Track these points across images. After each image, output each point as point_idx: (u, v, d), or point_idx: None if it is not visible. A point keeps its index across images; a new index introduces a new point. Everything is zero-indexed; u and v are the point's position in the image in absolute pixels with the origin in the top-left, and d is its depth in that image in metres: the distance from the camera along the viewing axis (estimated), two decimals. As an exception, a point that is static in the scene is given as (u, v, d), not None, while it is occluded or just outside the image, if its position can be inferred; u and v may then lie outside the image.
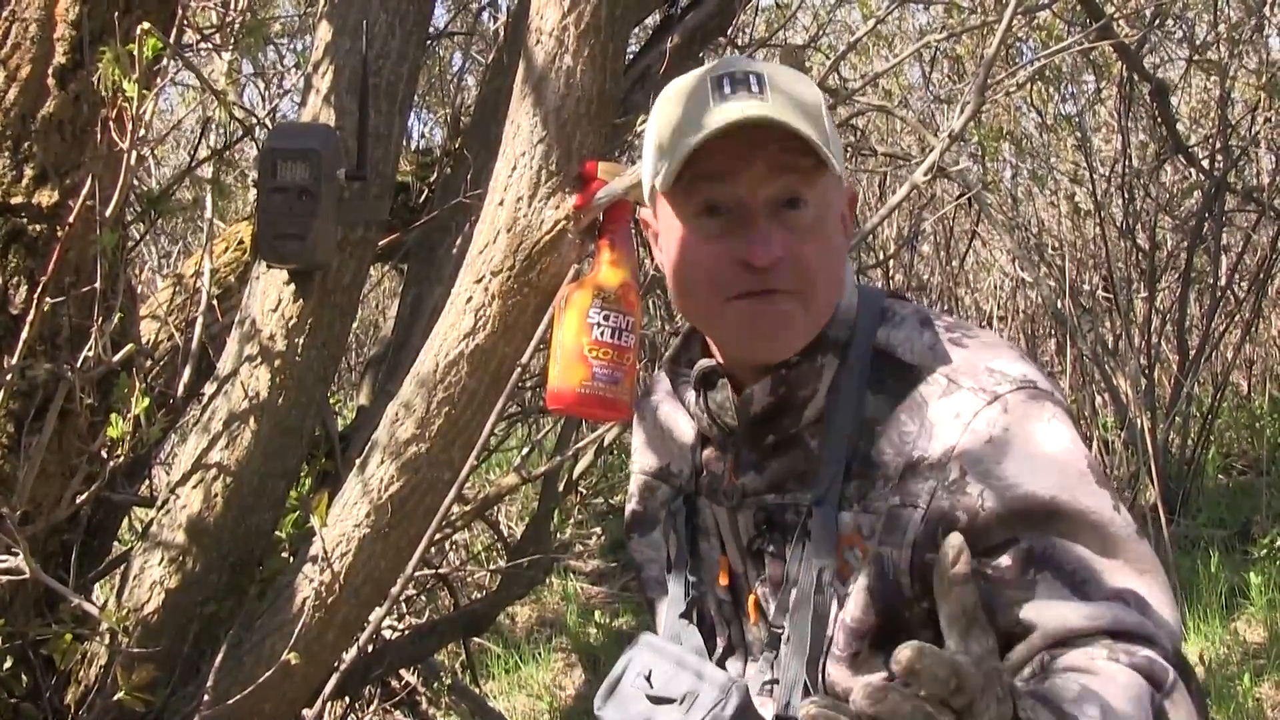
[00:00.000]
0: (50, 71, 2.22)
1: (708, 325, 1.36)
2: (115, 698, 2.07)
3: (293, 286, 2.34)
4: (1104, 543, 1.21)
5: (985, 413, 1.24)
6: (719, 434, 1.39)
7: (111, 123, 2.05)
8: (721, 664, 1.41)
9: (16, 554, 1.95)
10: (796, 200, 1.25)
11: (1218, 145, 5.99)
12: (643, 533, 1.53)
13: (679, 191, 1.28)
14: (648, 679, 1.35)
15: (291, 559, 2.40)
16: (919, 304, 1.39)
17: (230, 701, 2.11)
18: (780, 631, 1.32)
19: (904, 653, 0.92)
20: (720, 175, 1.25)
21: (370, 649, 3.05)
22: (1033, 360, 1.33)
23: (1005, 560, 1.21)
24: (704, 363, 1.38)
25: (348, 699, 3.42)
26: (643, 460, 1.54)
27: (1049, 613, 1.18)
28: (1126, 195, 6.17)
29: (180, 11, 2.31)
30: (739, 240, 1.25)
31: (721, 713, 1.26)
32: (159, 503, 2.42)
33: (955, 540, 1.04)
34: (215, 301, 2.75)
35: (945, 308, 7.33)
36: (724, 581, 1.40)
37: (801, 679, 1.28)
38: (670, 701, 1.31)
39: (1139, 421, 5.39)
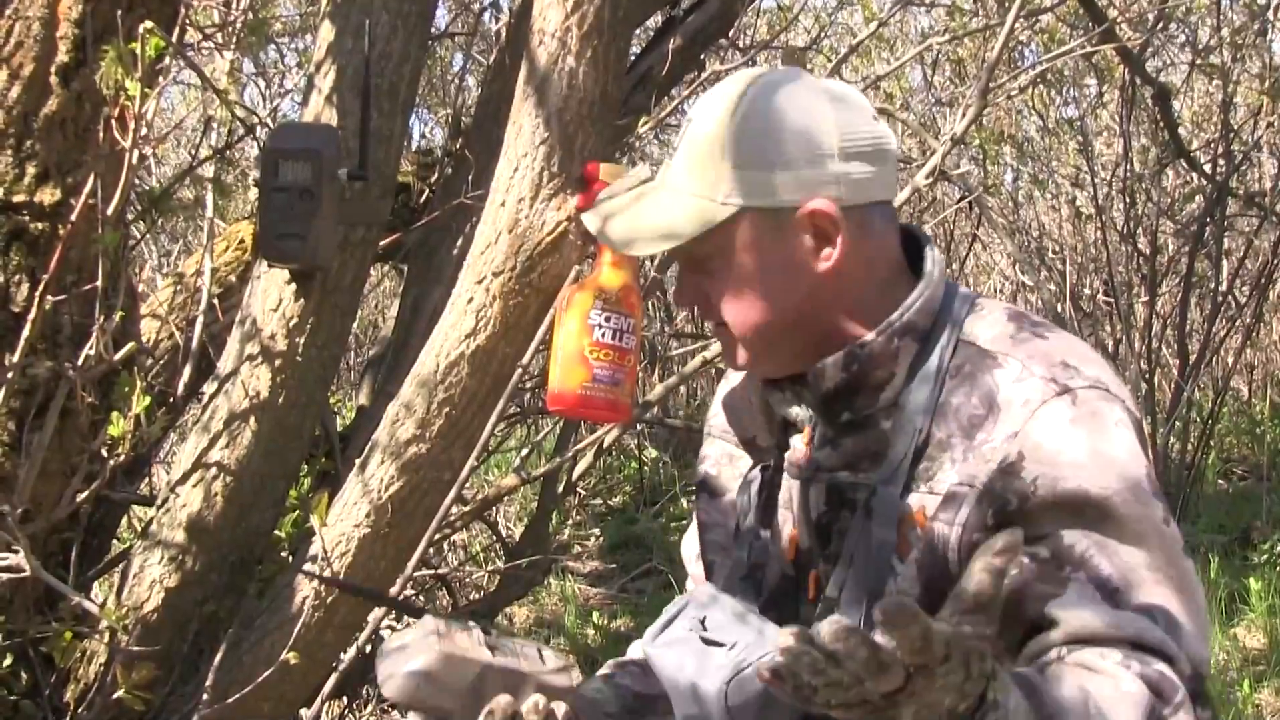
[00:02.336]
0: (53, 70, 2.22)
1: None
2: (114, 696, 2.07)
3: (294, 286, 2.35)
4: (1147, 553, 1.22)
5: (1054, 403, 1.25)
6: (800, 409, 1.42)
7: (114, 121, 2.05)
8: None
9: (17, 552, 1.95)
10: (696, 255, 1.36)
11: (1220, 150, 5.99)
12: (714, 496, 1.55)
13: None
14: (702, 623, 1.36)
15: (291, 558, 2.40)
16: (1005, 301, 1.41)
17: (229, 700, 2.11)
18: (833, 602, 1.33)
19: (888, 607, 0.94)
20: None
21: (369, 649, 3.05)
22: (1111, 366, 1.34)
23: (1044, 551, 1.22)
24: None
25: (346, 699, 3.42)
26: (725, 427, 1.56)
27: (1074, 613, 1.19)
28: (1128, 199, 6.17)
29: (182, 10, 2.31)
30: None
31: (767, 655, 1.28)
32: (159, 501, 2.42)
33: (1011, 538, 1.04)
34: (216, 301, 2.75)
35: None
36: (790, 557, 1.42)
37: None
38: (720, 646, 1.32)
39: (1139, 426, 5.38)
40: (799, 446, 1.42)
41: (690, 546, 1.64)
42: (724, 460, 1.55)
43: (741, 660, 1.29)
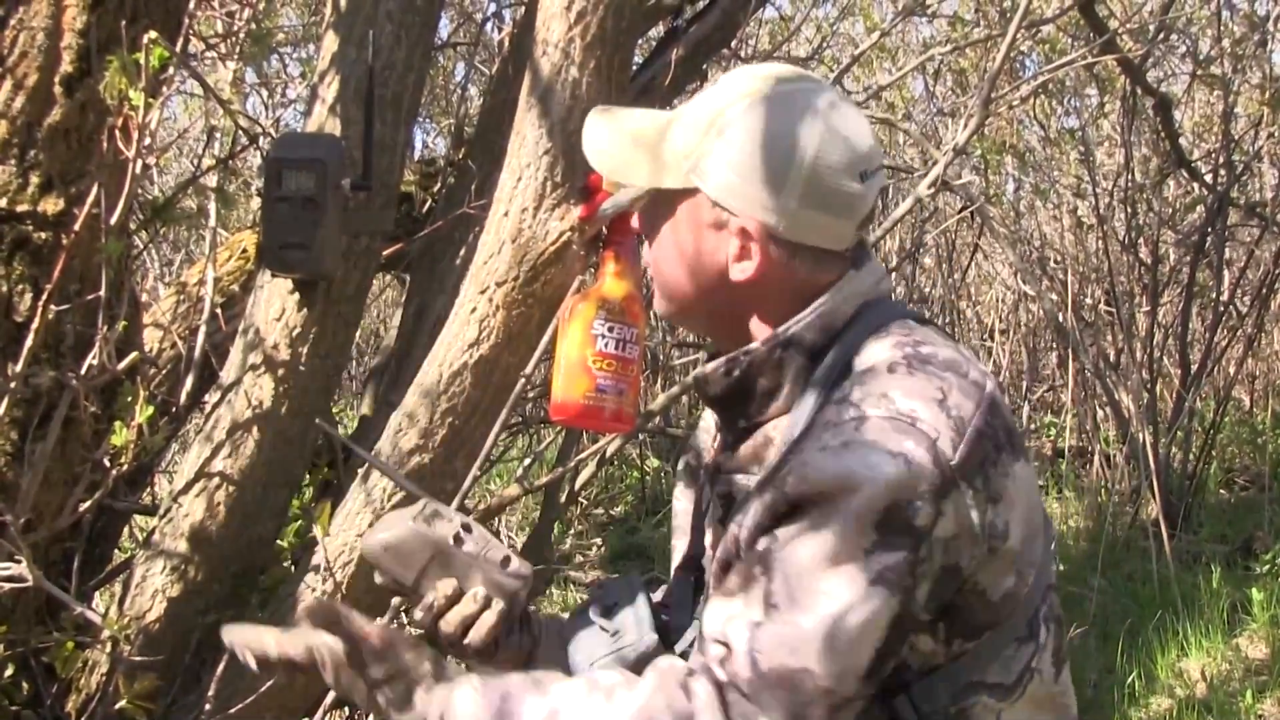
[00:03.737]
0: (57, 80, 2.23)
1: None
2: (116, 706, 2.07)
3: (297, 296, 2.35)
4: (811, 563, 1.22)
5: (846, 424, 1.26)
6: (711, 416, 1.54)
7: (117, 131, 2.05)
8: None
9: (19, 561, 1.94)
10: (648, 200, 1.46)
11: (1221, 160, 6.00)
12: (684, 484, 1.63)
13: None
14: (609, 609, 1.51)
15: (294, 568, 2.40)
16: (925, 329, 1.39)
17: (231, 711, 2.11)
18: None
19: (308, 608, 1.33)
20: None
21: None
22: (968, 426, 1.26)
23: (729, 538, 1.31)
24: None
25: (347, 709, 3.42)
26: (700, 438, 1.64)
27: (708, 614, 1.30)
28: (1129, 209, 6.18)
29: (186, 20, 2.31)
30: None
31: (630, 653, 1.43)
32: (161, 511, 2.41)
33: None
34: (219, 310, 2.75)
35: (947, 321, 7.33)
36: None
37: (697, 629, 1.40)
38: (607, 632, 1.48)
39: (1141, 436, 5.39)
40: (707, 449, 1.54)
41: None
42: (692, 451, 1.64)
43: (616, 645, 1.45)
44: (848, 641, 1.21)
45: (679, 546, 1.60)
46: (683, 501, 1.62)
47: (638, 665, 1.39)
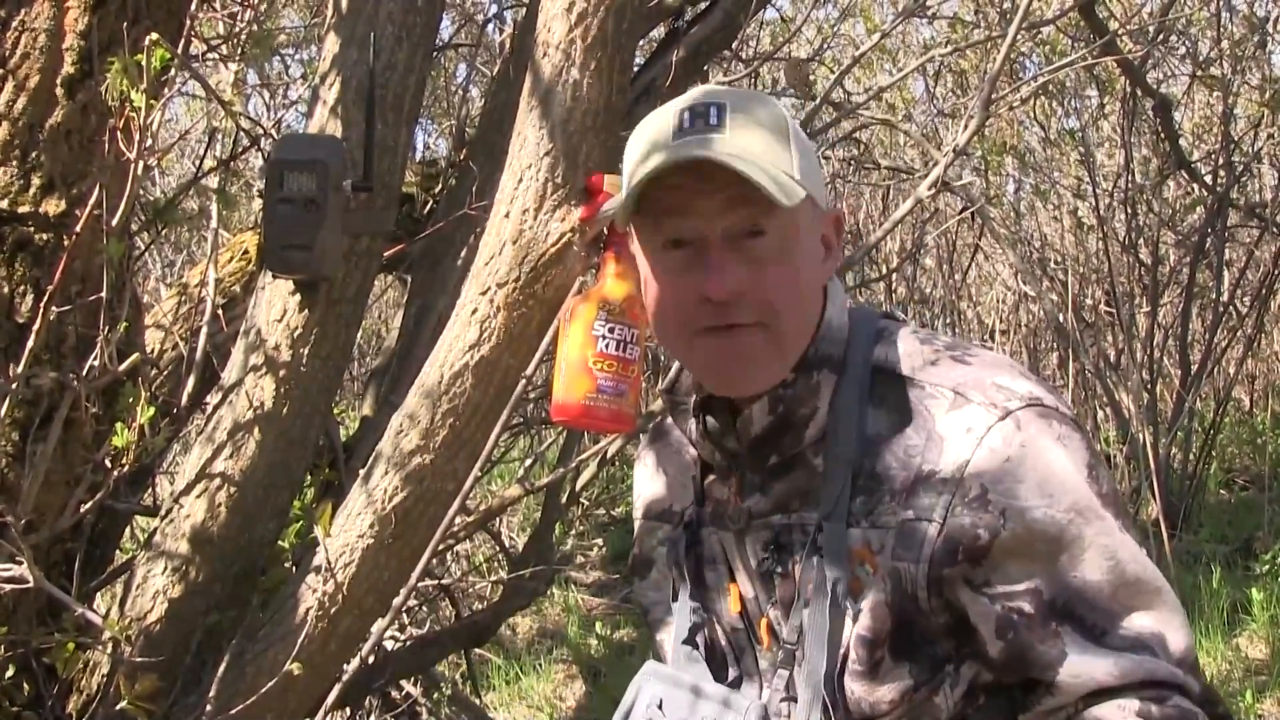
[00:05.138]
0: (59, 81, 2.23)
1: (681, 358, 1.37)
2: (118, 707, 2.07)
3: (298, 297, 2.35)
4: (1112, 572, 1.23)
5: (999, 428, 1.24)
6: (722, 459, 1.38)
7: (119, 132, 2.05)
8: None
9: (20, 562, 1.95)
10: (757, 230, 1.25)
11: (1220, 161, 6.00)
12: (644, 576, 1.54)
13: (647, 225, 1.30)
14: (659, 708, 1.34)
15: (295, 569, 2.40)
16: (914, 323, 1.39)
17: (232, 712, 2.11)
18: (793, 648, 1.30)
19: None
20: (680, 209, 1.26)
21: (372, 660, 3.05)
22: (1035, 375, 1.33)
23: (1026, 606, 1.23)
24: (701, 390, 1.38)
25: (349, 709, 3.42)
26: (642, 504, 1.55)
27: (1078, 669, 1.21)
28: (1129, 210, 6.18)
29: (188, 22, 2.31)
30: (700, 273, 1.26)
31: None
32: (162, 512, 2.42)
33: None
34: (220, 311, 2.75)
35: (948, 322, 7.33)
36: (735, 609, 1.39)
37: (820, 695, 1.27)
38: None
39: (1141, 436, 5.39)
40: (722, 498, 1.39)
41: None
42: (646, 536, 1.53)
43: None
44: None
45: (674, 628, 1.45)
46: (651, 595, 1.53)
47: None
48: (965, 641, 1.27)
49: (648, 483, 1.55)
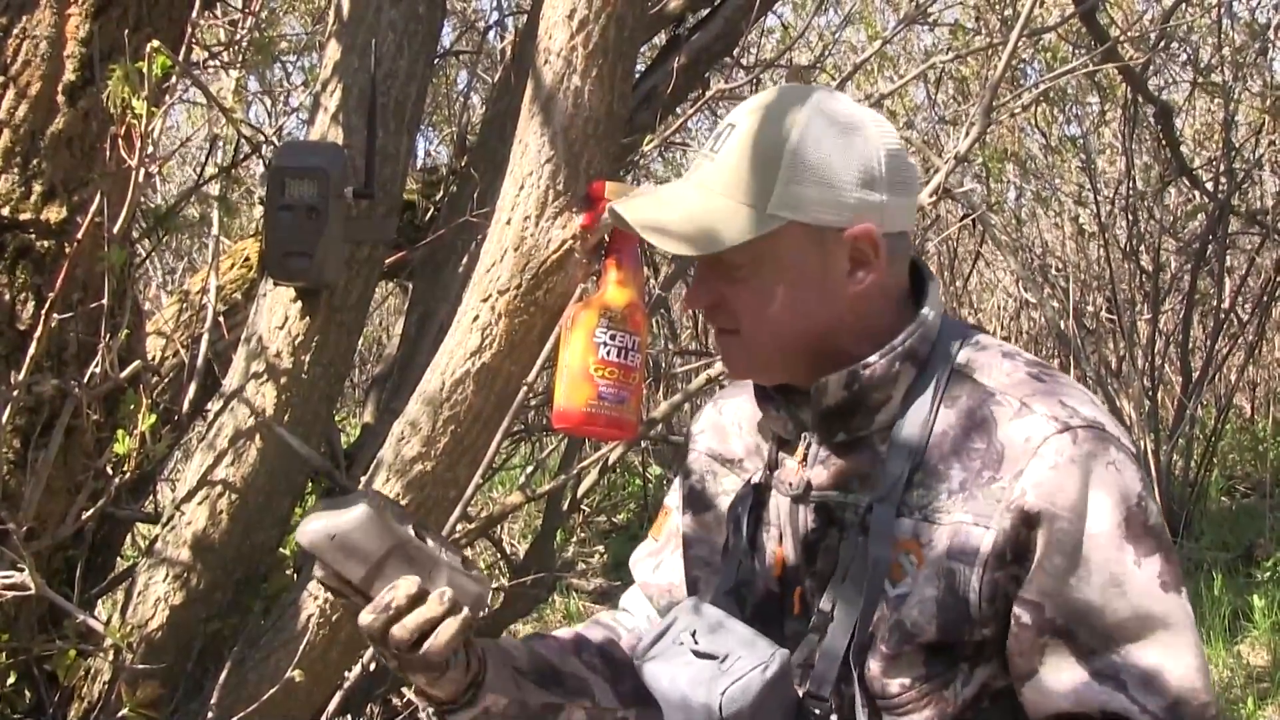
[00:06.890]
0: (60, 88, 2.23)
1: None
2: (119, 714, 2.07)
3: (299, 304, 2.35)
4: (1116, 600, 1.25)
5: (1055, 440, 1.26)
6: (794, 428, 1.42)
7: (120, 140, 2.06)
8: None
9: (21, 569, 1.95)
10: (721, 262, 1.34)
11: (1221, 168, 6.00)
12: (696, 511, 1.55)
13: None
14: (693, 635, 1.37)
15: (296, 576, 2.40)
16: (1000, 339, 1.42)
17: (234, 718, 2.11)
18: (825, 617, 1.34)
19: None
20: None
21: (373, 666, 3.04)
22: (1104, 407, 1.36)
23: (1025, 617, 1.27)
24: None
25: (350, 716, 3.41)
26: (711, 443, 1.56)
27: (1043, 689, 1.27)
28: (1130, 217, 6.18)
29: (189, 29, 2.32)
30: None
31: (763, 674, 1.29)
32: (164, 519, 2.42)
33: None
34: (221, 318, 2.75)
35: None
36: (777, 572, 1.42)
37: (839, 661, 1.31)
38: (713, 658, 1.33)
39: (1142, 443, 5.39)
40: (790, 465, 1.42)
41: (643, 558, 1.64)
42: (709, 476, 1.55)
43: (735, 672, 1.30)
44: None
45: (705, 577, 1.50)
46: (697, 530, 1.54)
47: (780, 682, 1.31)
48: (994, 653, 1.31)
49: (720, 426, 1.56)
